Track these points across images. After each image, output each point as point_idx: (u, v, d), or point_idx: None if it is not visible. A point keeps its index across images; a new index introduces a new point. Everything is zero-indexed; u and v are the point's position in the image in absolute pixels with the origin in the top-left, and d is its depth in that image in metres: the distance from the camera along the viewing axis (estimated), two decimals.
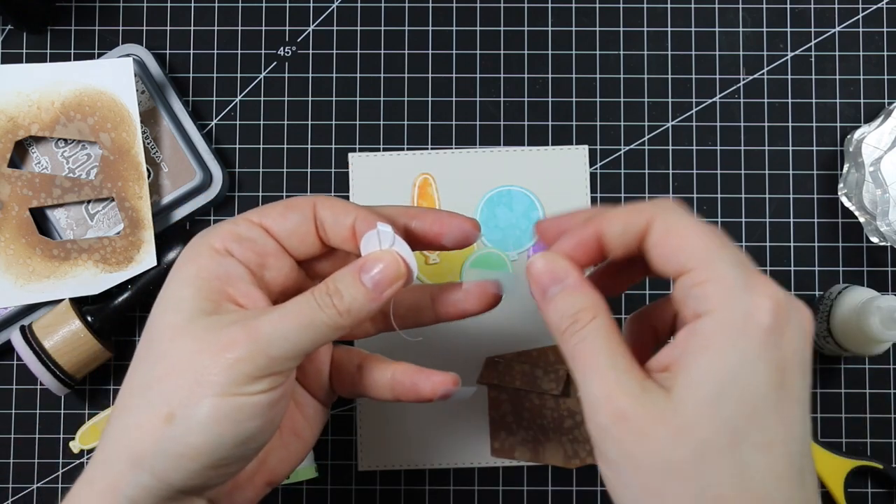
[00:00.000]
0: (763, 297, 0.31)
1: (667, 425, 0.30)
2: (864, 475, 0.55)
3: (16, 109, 0.53)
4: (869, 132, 0.54)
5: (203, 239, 0.36)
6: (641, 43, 0.57)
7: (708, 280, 0.31)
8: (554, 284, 0.34)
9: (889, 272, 0.56)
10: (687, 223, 0.32)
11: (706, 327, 0.31)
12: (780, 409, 0.30)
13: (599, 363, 0.32)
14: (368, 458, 0.55)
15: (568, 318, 0.33)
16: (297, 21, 0.57)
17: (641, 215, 0.33)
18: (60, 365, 0.51)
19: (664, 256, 0.32)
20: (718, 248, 0.32)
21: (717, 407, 0.30)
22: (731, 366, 0.30)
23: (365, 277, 0.35)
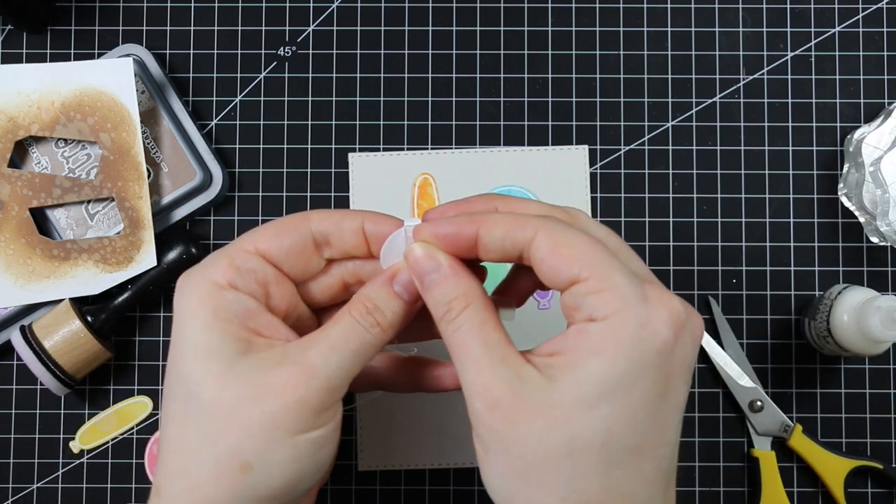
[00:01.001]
0: (661, 309, 0.31)
1: (543, 416, 0.30)
2: (864, 475, 0.55)
3: (16, 109, 0.53)
4: (869, 132, 0.54)
5: (203, 276, 0.34)
6: (641, 43, 0.57)
7: (603, 289, 0.31)
8: (430, 273, 0.34)
9: (889, 272, 0.56)
10: (575, 235, 0.32)
11: (600, 331, 0.31)
12: (657, 416, 0.31)
13: (473, 351, 0.32)
14: (368, 458, 0.55)
15: (443, 306, 0.34)
16: (297, 21, 0.57)
17: (524, 230, 0.33)
18: (60, 365, 0.51)
19: (554, 269, 0.32)
20: (611, 259, 0.32)
21: (596, 407, 0.30)
22: (619, 373, 0.30)
23: (399, 288, 0.35)
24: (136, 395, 0.55)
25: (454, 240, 0.34)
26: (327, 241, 0.36)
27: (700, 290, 0.56)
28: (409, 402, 0.54)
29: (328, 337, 0.34)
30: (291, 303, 0.36)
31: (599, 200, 0.56)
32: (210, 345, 0.33)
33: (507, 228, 0.33)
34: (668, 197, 0.56)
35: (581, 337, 0.31)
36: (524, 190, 0.56)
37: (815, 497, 0.55)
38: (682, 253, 0.56)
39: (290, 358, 0.33)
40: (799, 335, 0.56)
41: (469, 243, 0.34)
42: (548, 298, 0.55)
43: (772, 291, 0.56)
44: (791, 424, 0.54)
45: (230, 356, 0.33)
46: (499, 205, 0.36)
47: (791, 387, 0.55)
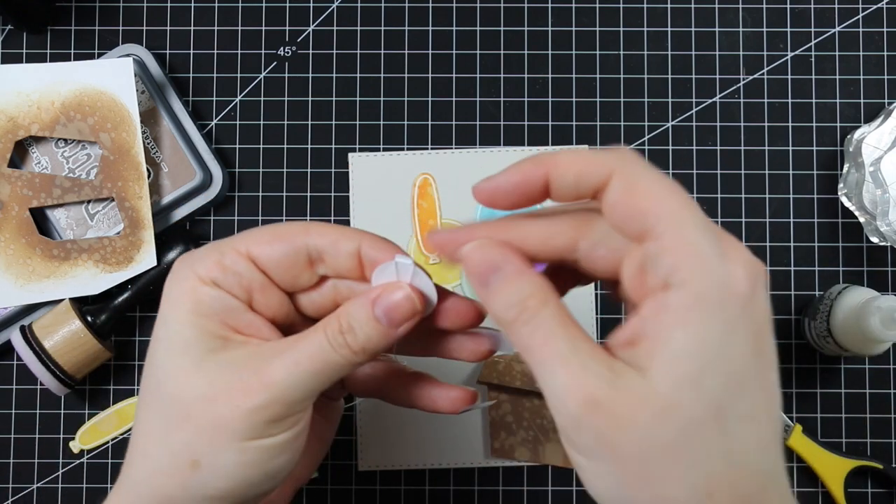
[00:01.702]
0: (737, 265, 0.29)
1: (648, 407, 0.28)
2: (864, 475, 0.55)
3: (16, 109, 0.53)
4: (869, 132, 0.54)
5: (189, 268, 0.34)
6: (641, 43, 0.57)
7: (679, 247, 0.29)
8: (493, 273, 0.31)
9: (889, 272, 0.56)
10: (651, 180, 0.30)
11: (681, 300, 0.28)
12: (760, 377, 0.29)
13: (560, 350, 0.30)
14: (368, 458, 0.55)
15: (515, 306, 0.31)
16: (297, 21, 0.57)
17: (600, 167, 0.30)
18: (60, 365, 0.51)
19: (626, 217, 0.30)
20: (688, 212, 0.29)
21: (700, 383, 0.28)
22: (712, 340, 0.28)
23: (378, 312, 0.33)
24: (136, 395, 0.55)
25: (523, 188, 0.32)
26: (322, 258, 0.34)
27: None
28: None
29: (295, 350, 0.32)
30: (280, 311, 0.35)
31: None
32: (185, 338, 0.33)
33: (579, 169, 0.30)
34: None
35: (661, 313, 0.29)
36: None
37: (815, 497, 0.55)
38: None
39: (252, 364, 0.32)
40: (799, 335, 0.56)
41: (539, 189, 0.32)
42: None
43: (772, 291, 0.56)
44: (791, 424, 0.54)
45: (201, 352, 0.32)
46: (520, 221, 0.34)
47: (791, 387, 0.55)
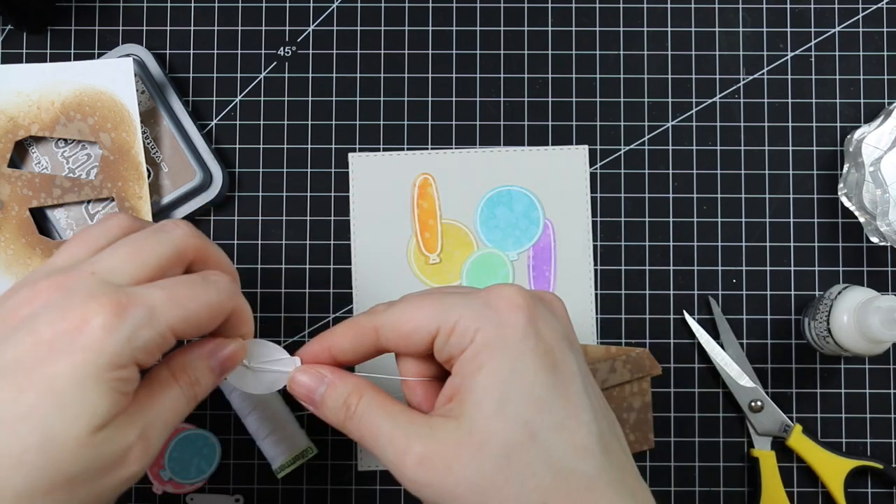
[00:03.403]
0: (505, 304, 0.34)
1: (467, 447, 0.32)
2: (865, 475, 0.55)
3: (16, 109, 0.53)
4: (869, 132, 0.54)
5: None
6: (641, 43, 0.57)
7: (452, 329, 0.34)
8: (318, 387, 0.37)
9: (889, 272, 0.56)
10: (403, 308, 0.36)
11: (471, 352, 0.34)
12: (560, 388, 0.33)
13: (384, 429, 0.35)
14: (368, 458, 0.55)
15: (340, 409, 0.36)
16: (297, 21, 0.57)
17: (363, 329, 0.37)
18: None
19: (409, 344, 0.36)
20: (442, 301, 0.35)
21: (505, 412, 0.33)
22: (504, 372, 0.33)
23: (214, 364, 0.37)
24: None
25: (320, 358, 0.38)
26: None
27: (700, 290, 0.56)
28: None
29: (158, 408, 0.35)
30: None
31: (599, 200, 0.56)
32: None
33: (351, 336, 0.37)
34: (668, 197, 0.56)
35: (461, 370, 0.34)
36: (524, 190, 0.56)
37: (815, 497, 0.55)
38: (682, 253, 0.56)
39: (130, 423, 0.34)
40: (799, 335, 0.56)
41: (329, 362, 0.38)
42: None
43: (772, 291, 0.56)
44: (791, 424, 0.54)
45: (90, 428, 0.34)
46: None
47: (791, 387, 0.55)
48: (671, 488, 0.55)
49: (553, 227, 0.56)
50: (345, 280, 0.56)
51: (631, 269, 0.56)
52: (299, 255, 0.56)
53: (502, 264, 0.56)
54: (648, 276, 0.56)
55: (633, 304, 0.56)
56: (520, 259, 0.56)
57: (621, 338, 0.55)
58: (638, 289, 0.56)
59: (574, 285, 0.55)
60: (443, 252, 0.56)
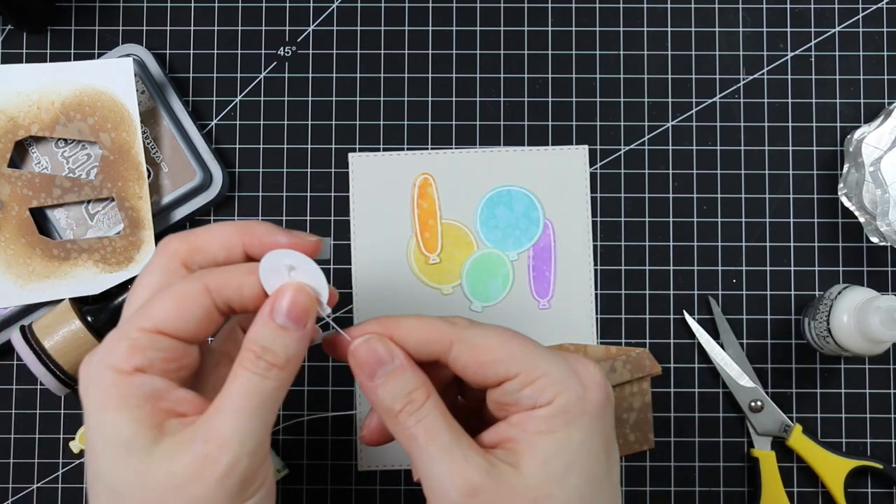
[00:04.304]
0: (590, 379, 0.34)
1: (522, 498, 0.32)
2: (864, 475, 0.55)
3: (16, 109, 0.53)
4: (869, 132, 0.54)
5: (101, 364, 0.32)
6: (641, 43, 0.57)
7: (537, 378, 0.33)
8: (381, 366, 0.34)
9: (889, 272, 0.56)
10: (489, 335, 0.34)
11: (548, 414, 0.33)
12: (609, 474, 0.35)
13: (443, 440, 0.33)
14: (368, 458, 0.55)
15: (402, 398, 0.34)
16: (297, 21, 0.57)
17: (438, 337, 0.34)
18: (60, 365, 0.51)
19: (479, 372, 0.34)
20: (531, 347, 0.34)
21: (566, 479, 0.33)
22: (575, 444, 0.33)
23: (281, 320, 0.33)
24: None
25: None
26: (229, 307, 0.34)
27: (700, 290, 0.56)
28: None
29: (229, 399, 0.32)
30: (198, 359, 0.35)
31: (599, 200, 0.56)
32: (124, 438, 0.31)
33: (420, 338, 0.35)
34: (668, 197, 0.56)
35: (529, 422, 0.33)
36: (524, 190, 0.56)
37: (815, 497, 0.55)
38: (682, 253, 0.56)
39: (199, 435, 0.31)
40: (799, 335, 0.56)
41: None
42: (547, 298, 0.55)
43: (772, 291, 0.56)
44: (791, 424, 0.54)
45: (146, 446, 0.31)
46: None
47: (791, 387, 0.55)
48: (671, 488, 0.55)
49: (553, 227, 0.56)
50: (345, 280, 0.56)
51: (631, 269, 0.56)
52: None
53: (502, 264, 0.56)
54: (648, 276, 0.56)
55: (633, 304, 0.56)
56: (520, 259, 0.56)
57: (621, 338, 0.55)
58: (638, 289, 0.56)
59: (574, 285, 0.55)
60: (443, 252, 0.56)
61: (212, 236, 0.35)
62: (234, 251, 0.35)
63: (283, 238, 0.35)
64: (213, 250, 0.35)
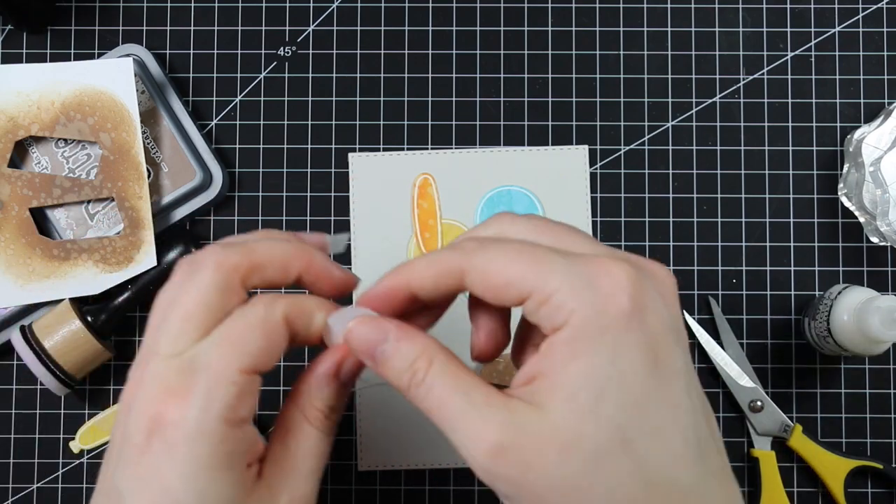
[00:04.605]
0: (610, 283, 0.29)
1: (552, 445, 0.29)
2: (865, 475, 0.55)
3: (16, 109, 0.53)
4: (869, 132, 0.54)
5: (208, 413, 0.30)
6: (641, 43, 0.57)
7: (548, 297, 0.30)
8: (380, 344, 0.32)
9: (889, 272, 0.56)
10: (496, 255, 0.31)
11: (566, 335, 0.29)
12: (661, 390, 0.29)
13: (455, 405, 0.30)
14: (368, 458, 0.55)
15: (406, 371, 0.31)
16: (297, 21, 0.57)
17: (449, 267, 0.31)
18: (60, 365, 0.51)
19: (498, 296, 0.31)
20: (542, 260, 0.30)
21: (598, 411, 0.29)
22: (602, 366, 0.29)
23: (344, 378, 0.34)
24: None
25: (390, 299, 0.33)
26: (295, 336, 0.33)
27: (700, 290, 0.56)
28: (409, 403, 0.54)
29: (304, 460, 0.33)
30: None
31: (599, 200, 0.56)
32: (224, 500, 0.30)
33: (434, 272, 0.32)
34: (668, 197, 0.56)
35: (552, 351, 0.30)
36: (524, 190, 0.56)
37: (815, 497, 0.55)
38: (682, 253, 0.56)
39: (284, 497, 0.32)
40: (799, 335, 0.56)
41: (406, 298, 0.33)
42: None
43: (772, 291, 0.56)
44: (791, 424, 0.54)
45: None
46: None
47: (791, 387, 0.55)
48: None
49: None
50: None
51: None
52: None
53: None
54: None
55: None
56: None
57: None
58: None
59: None
60: None
61: (272, 254, 0.33)
62: (290, 274, 0.34)
63: (336, 272, 0.34)
64: (271, 271, 0.33)
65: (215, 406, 0.30)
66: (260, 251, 0.33)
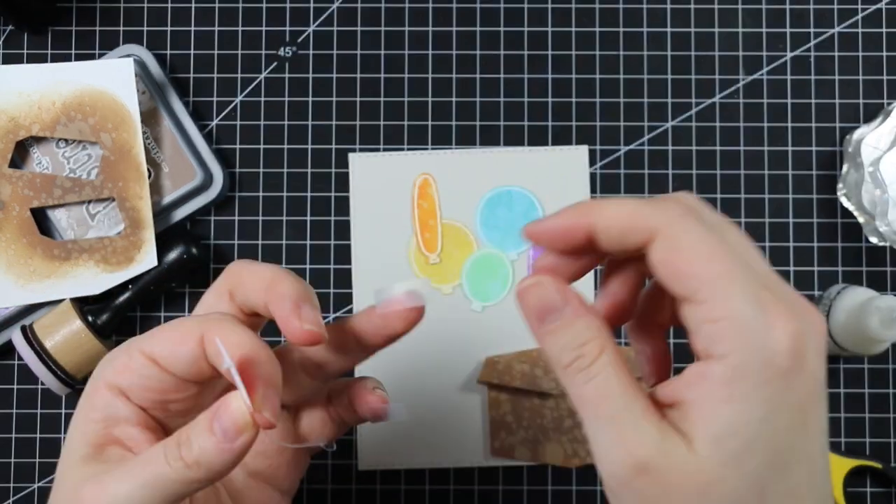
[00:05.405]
0: (781, 338, 0.28)
1: (693, 481, 0.28)
2: (863, 475, 0.55)
3: (17, 109, 0.53)
4: (868, 132, 0.54)
5: (101, 370, 0.33)
6: (641, 43, 0.57)
7: (721, 318, 0.28)
8: (553, 311, 0.30)
9: (888, 272, 0.56)
10: (696, 241, 0.29)
11: (722, 373, 0.28)
12: (804, 451, 0.29)
13: (614, 406, 0.29)
14: (368, 458, 0.55)
15: (571, 351, 0.30)
16: (297, 22, 0.57)
17: (645, 225, 0.29)
18: (61, 365, 0.51)
19: (670, 277, 0.29)
20: (731, 276, 0.28)
21: (743, 463, 0.28)
22: (755, 418, 0.28)
23: (215, 425, 0.30)
24: None
25: (567, 236, 0.31)
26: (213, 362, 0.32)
27: None
28: (410, 402, 0.54)
29: (135, 462, 0.31)
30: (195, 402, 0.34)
31: None
32: (70, 440, 0.33)
33: (624, 225, 0.30)
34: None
35: (703, 382, 0.28)
36: (524, 190, 0.56)
37: None
38: None
39: (99, 475, 0.31)
40: None
41: (583, 239, 0.30)
42: None
43: None
44: None
45: (76, 457, 0.32)
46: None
47: None
48: None
49: None
50: (345, 280, 0.56)
51: None
52: (299, 255, 0.56)
53: (502, 264, 0.56)
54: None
55: None
56: (520, 259, 0.56)
57: (621, 338, 0.55)
58: None
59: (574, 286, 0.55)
60: (443, 252, 0.56)
61: (256, 277, 0.34)
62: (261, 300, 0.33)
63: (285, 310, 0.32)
64: (250, 292, 0.34)
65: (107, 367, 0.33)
66: (252, 269, 0.34)
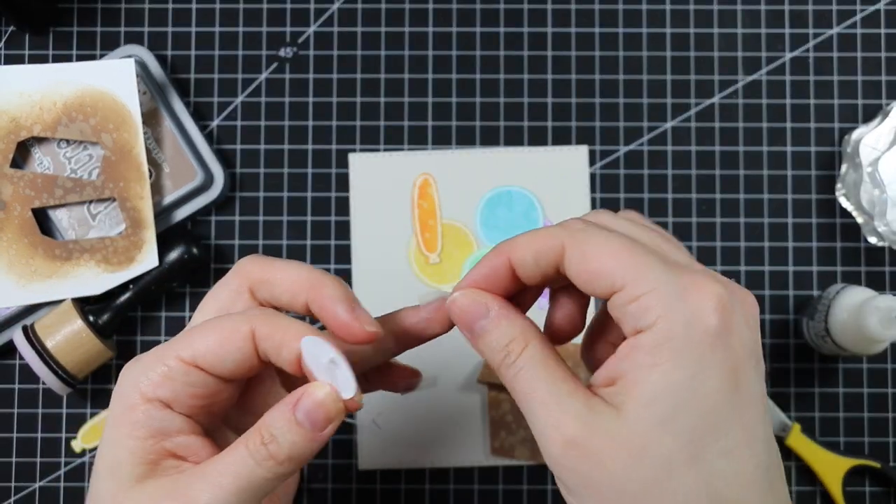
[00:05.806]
0: (703, 299, 0.30)
1: (623, 447, 0.29)
2: (863, 474, 0.55)
3: (18, 110, 0.53)
4: (867, 133, 0.54)
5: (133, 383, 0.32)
6: (640, 44, 0.57)
7: (640, 295, 0.30)
8: (479, 319, 0.33)
9: (887, 272, 0.56)
10: (601, 243, 0.31)
11: (650, 341, 0.29)
12: (737, 412, 0.30)
13: (540, 391, 0.31)
14: (368, 457, 0.55)
15: (500, 350, 0.32)
16: (297, 22, 0.58)
17: (551, 243, 0.32)
18: (62, 364, 0.51)
19: (589, 282, 0.31)
20: (642, 259, 0.30)
21: (674, 423, 0.29)
22: (683, 380, 0.29)
23: (300, 416, 0.31)
24: None
25: (492, 277, 0.33)
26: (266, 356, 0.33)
27: None
28: (410, 402, 0.55)
29: (217, 471, 0.31)
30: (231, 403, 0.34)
31: (599, 201, 0.56)
32: (117, 462, 0.32)
33: (535, 249, 0.32)
34: (668, 197, 0.56)
35: (634, 354, 0.30)
36: (524, 190, 0.56)
37: (814, 496, 0.55)
38: None
39: (178, 491, 0.31)
40: (797, 335, 0.56)
41: (507, 275, 0.33)
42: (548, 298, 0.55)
43: (770, 291, 0.56)
44: (789, 424, 0.54)
45: (131, 478, 0.31)
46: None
47: (789, 386, 0.56)
48: None
49: None
50: (345, 280, 0.56)
51: None
52: (300, 255, 0.56)
53: None
54: None
55: None
56: None
57: None
58: None
59: None
60: (443, 252, 0.56)
61: (285, 274, 0.34)
62: (297, 300, 0.34)
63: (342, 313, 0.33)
64: (280, 290, 0.34)
65: (141, 378, 0.32)
66: (276, 265, 0.34)
